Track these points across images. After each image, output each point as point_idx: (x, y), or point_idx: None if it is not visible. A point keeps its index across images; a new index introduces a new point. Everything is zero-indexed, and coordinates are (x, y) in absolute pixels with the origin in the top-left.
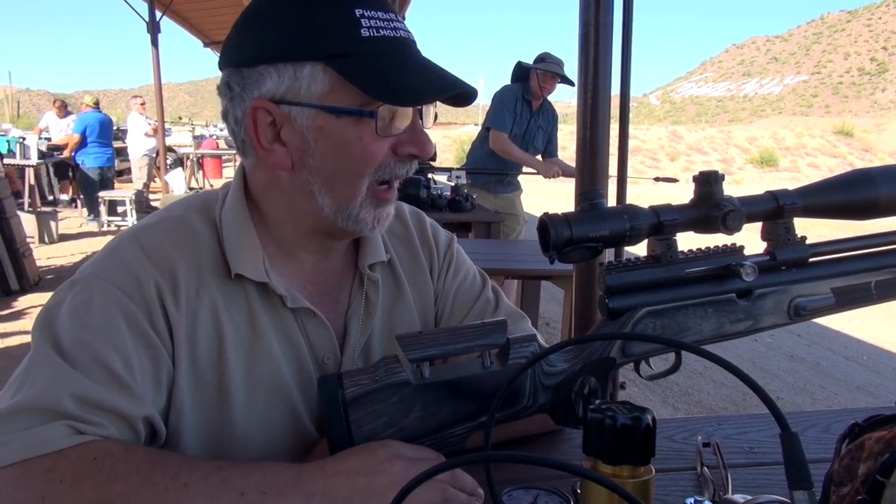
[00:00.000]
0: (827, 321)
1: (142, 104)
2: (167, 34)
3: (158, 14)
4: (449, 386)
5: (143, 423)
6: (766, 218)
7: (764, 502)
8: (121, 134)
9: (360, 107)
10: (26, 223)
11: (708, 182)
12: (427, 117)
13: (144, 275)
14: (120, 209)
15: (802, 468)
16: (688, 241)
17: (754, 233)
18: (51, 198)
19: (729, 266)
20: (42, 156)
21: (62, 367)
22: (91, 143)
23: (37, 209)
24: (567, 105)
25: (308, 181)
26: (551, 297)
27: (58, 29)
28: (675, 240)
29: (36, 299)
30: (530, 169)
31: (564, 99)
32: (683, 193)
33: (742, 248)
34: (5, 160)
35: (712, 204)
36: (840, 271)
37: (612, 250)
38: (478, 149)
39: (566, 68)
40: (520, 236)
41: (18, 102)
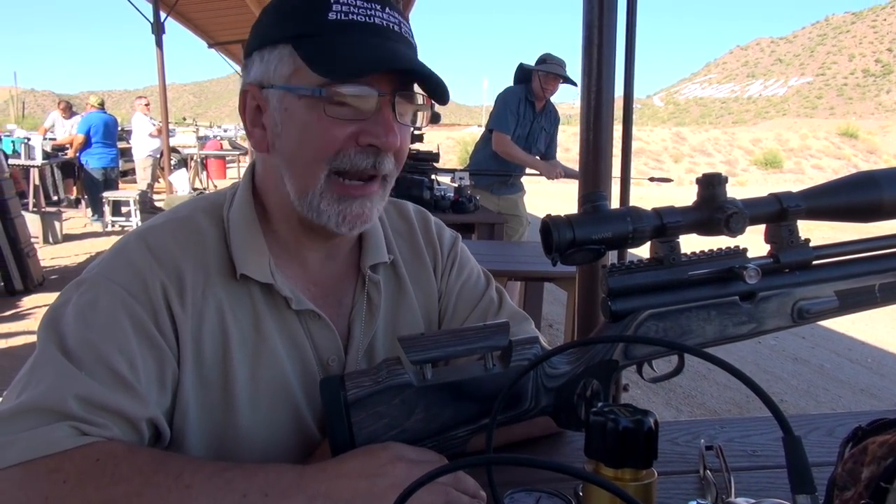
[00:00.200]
0: (831, 323)
1: (146, 105)
2: (171, 35)
3: (163, 15)
4: (451, 388)
5: (147, 425)
6: (770, 220)
7: None
8: (125, 134)
9: (318, 87)
10: (31, 223)
11: (711, 184)
12: (404, 113)
13: (151, 275)
14: (124, 209)
15: (805, 472)
16: (691, 244)
17: (758, 235)
18: (55, 198)
19: (732, 268)
20: (47, 156)
21: (67, 368)
22: (95, 144)
23: (41, 209)
24: (571, 106)
25: (278, 165)
26: (554, 299)
27: (62, 29)
28: (678, 242)
29: (40, 299)
30: (533, 170)
31: (568, 100)
32: (687, 195)
33: (745, 251)
34: (10, 160)
35: (715, 206)
36: (844, 274)
37: (616, 252)
38: (481, 150)
39: (569, 69)
40: (523, 238)
41: (23, 103)
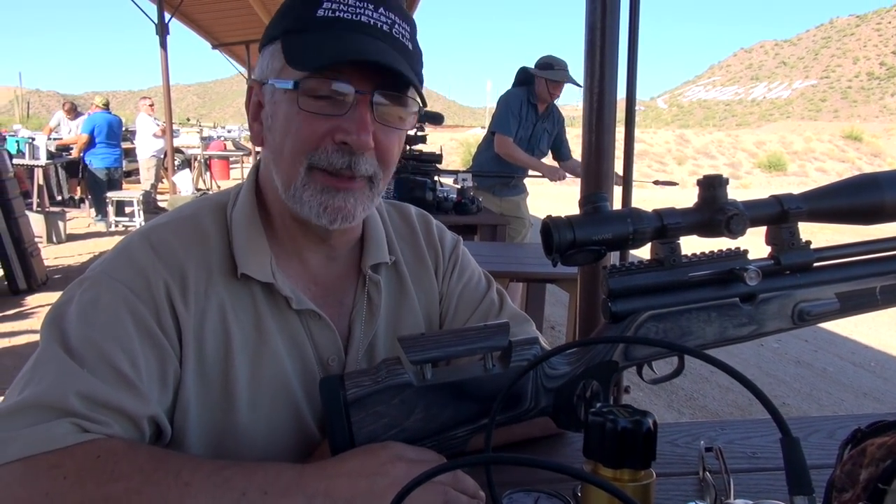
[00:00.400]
0: (834, 327)
1: (150, 105)
2: (176, 36)
3: (167, 16)
4: (451, 388)
5: (148, 423)
6: (771, 222)
7: None
8: (129, 135)
9: (295, 80)
10: (34, 223)
11: (712, 186)
12: (388, 114)
13: (154, 274)
14: (128, 209)
15: (803, 473)
16: (691, 245)
17: (759, 237)
18: (59, 198)
19: (732, 270)
20: (51, 156)
21: (69, 366)
22: (99, 144)
23: (45, 209)
24: (575, 108)
25: (268, 158)
26: (556, 301)
27: (67, 30)
28: (679, 243)
29: (43, 298)
30: (536, 172)
31: (572, 102)
32: (690, 199)
33: (746, 252)
34: (14, 160)
35: (716, 208)
36: (845, 276)
37: (618, 254)
38: (483, 152)
39: (571, 71)
40: (525, 239)
41: (28, 103)
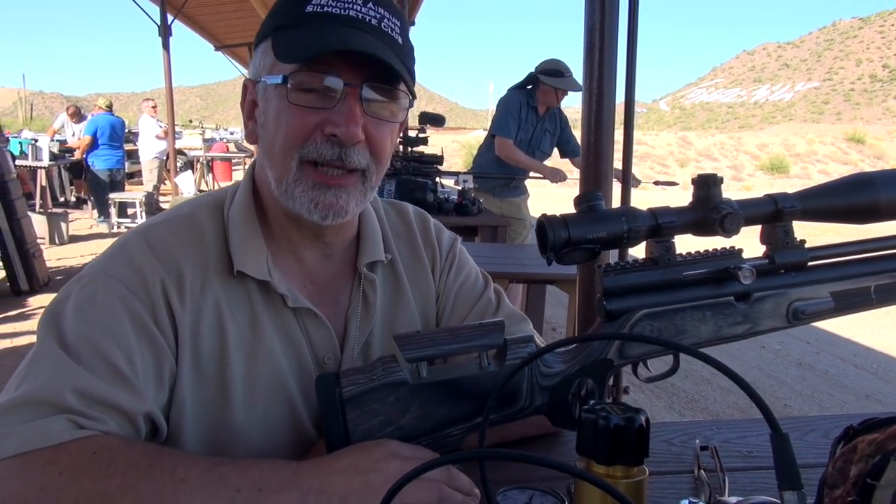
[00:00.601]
0: (836, 328)
1: (153, 107)
2: (180, 38)
3: (170, 17)
4: (446, 386)
5: (144, 420)
6: (765, 221)
7: (755, 503)
8: (132, 137)
9: (284, 75)
10: (37, 224)
11: (706, 185)
12: (377, 107)
13: (150, 272)
14: (130, 211)
15: (792, 469)
16: (687, 244)
17: (754, 239)
18: (62, 199)
19: (727, 269)
20: (54, 157)
21: (65, 362)
22: (102, 146)
23: (48, 210)
24: (576, 111)
25: (262, 154)
26: (557, 302)
27: (71, 32)
28: (674, 242)
29: (45, 300)
30: (537, 174)
31: (575, 104)
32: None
33: (740, 251)
34: (17, 161)
35: (710, 207)
36: (839, 275)
37: (617, 253)
38: (484, 154)
39: (572, 72)
40: (526, 240)
41: (32, 105)
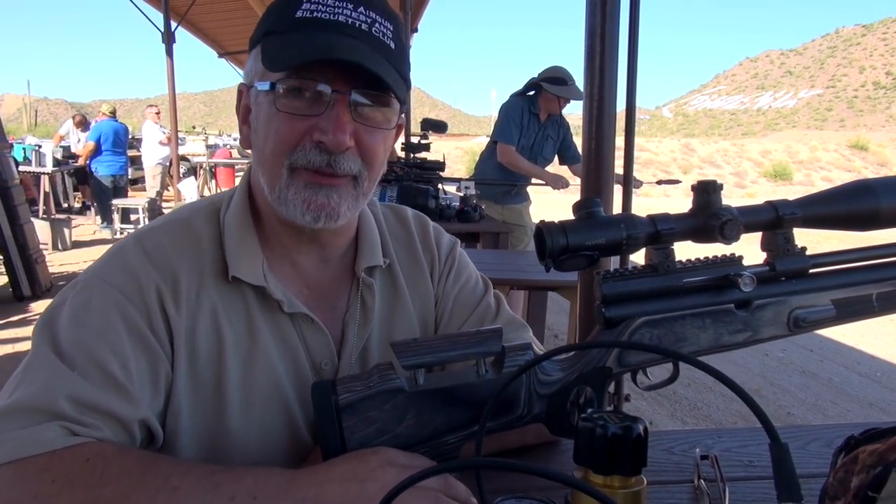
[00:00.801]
0: (840, 336)
1: (157, 113)
2: (184, 44)
3: (174, 24)
4: (443, 394)
5: (140, 426)
6: (765, 228)
7: None
8: (136, 143)
9: (272, 81)
10: (40, 230)
11: (706, 191)
12: (368, 114)
13: (146, 277)
14: (133, 217)
15: (791, 480)
16: (686, 251)
17: (755, 246)
18: (66, 205)
19: (727, 276)
20: (57, 163)
21: (60, 368)
22: (105, 152)
23: (51, 216)
24: (578, 118)
25: (254, 160)
26: (560, 309)
27: (75, 39)
28: (673, 249)
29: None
30: (539, 181)
31: (577, 111)
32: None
33: (741, 258)
34: (21, 167)
35: (710, 213)
36: (841, 283)
37: (618, 260)
38: (486, 160)
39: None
40: (527, 247)
41: (36, 111)
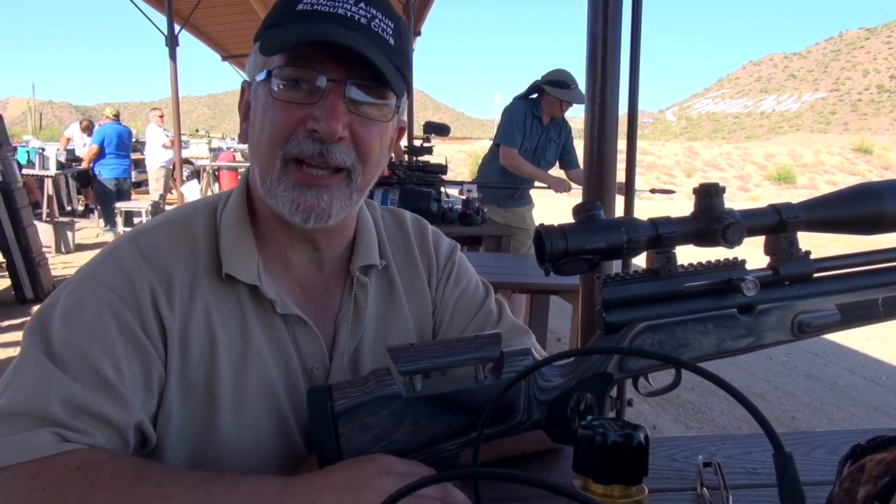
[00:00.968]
0: (844, 340)
1: (160, 116)
2: (188, 48)
3: (177, 28)
4: (440, 400)
5: (133, 430)
6: (769, 231)
7: None
8: (139, 146)
9: (267, 70)
10: (43, 233)
11: (708, 195)
12: (364, 104)
13: (140, 278)
14: (136, 220)
15: (796, 489)
16: (688, 255)
17: (759, 249)
18: (69, 208)
19: (730, 280)
20: (61, 166)
21: (51, 371)
22: (108, 155)
23: (54, 219)
24: (581, 121)
25: (249, 152)
26: (563, 312)
27: (79, 42)
28: (674, 253)
29: None
30: (542, 184)
31: (579, 115)
32: None
33: (744, 262)
34: (24, 171)
35: (712, 216)
36: (846, 287)
37: (620, 263)
38: (488, 164)
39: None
40: (530, 251)
41: (41, 114)
